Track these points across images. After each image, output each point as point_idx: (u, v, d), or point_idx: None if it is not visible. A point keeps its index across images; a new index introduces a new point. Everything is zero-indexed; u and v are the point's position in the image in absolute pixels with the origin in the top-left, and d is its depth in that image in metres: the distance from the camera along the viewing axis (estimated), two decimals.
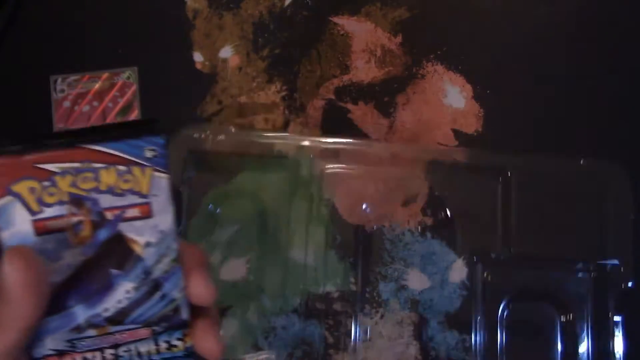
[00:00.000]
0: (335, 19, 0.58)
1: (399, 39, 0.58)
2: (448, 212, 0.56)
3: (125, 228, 0.28)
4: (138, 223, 0.28)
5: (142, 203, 0.28)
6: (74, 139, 0.27)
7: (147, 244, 0.28)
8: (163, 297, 0.29)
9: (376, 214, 0.56)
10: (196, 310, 0.31)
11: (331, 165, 0.57)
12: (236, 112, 0.58)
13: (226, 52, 0.58)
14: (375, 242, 0.56)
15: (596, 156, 0.56)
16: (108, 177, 0.27)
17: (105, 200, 0.27)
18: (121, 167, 0.27)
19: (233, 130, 0.54)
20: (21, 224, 0.26)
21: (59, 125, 0.57)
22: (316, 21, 0.58)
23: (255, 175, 0.57)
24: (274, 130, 0.58)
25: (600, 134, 0.56)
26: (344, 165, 0.57)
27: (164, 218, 0.28)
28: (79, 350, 0.29)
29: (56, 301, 0.27)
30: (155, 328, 0.30)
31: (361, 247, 0.56)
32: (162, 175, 0.28)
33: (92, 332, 0.29)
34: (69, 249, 0.27)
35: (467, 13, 0.58)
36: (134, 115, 0.56)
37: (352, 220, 0.56)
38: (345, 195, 0.56)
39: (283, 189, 0.57)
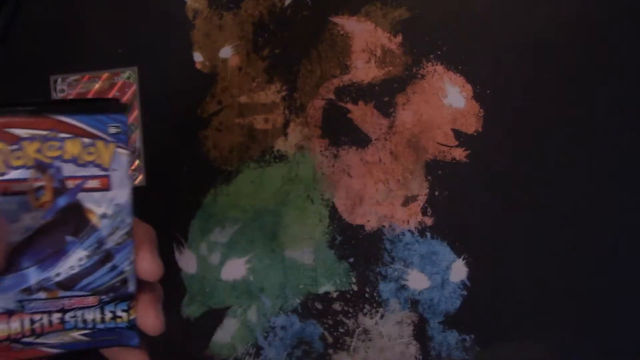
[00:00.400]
0: (335, 19, 0.58)
1: (399, 39, 0.58)
2: (448, 212, 0.56)
3: (84, 198, 0.29)
4: (96, 194, 0.30)
5: (102, 175, 0.30)
6: (44, 108, 0.28)
7: (103, 215, 0.30)
8: (113, 268, 0.31)
9: (376, 214, 0.56)
10: (142, 285, 0.32)
11: (331, 165, 0.57)
12: (236, 112, 0.58)
13: (226, 52, 0.58)
14: (375, 242, 0.56)
15: (596, 156, 0.56)
16: (73, 147, 0.29)
17: (68, 169, 0.29)
18: (86, 140, 0.29)
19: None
20: None
21: None
22: (316, 21, 0.58)
23: (255, 175, 0.57)
24: (274, 130, 0.58)
25: (600, 133, 0.56)
26: (344, 165, 0.57)
27: (122, 192, 0.30)
28: (28, 312, 0.30)
29: (12, 261, 0.29)
30: (103, 297, 0.31)
31: (361, 247, 0.56)
32: (123, 151, 0.30)
33: (42, 294, 0.30)
34: (28, 212, 0.29)
35: (468, 13, 0.58)
36: (134, 115, 0.56)
37: (352, 220, 0.56)
38: (345, 195, 0.56)
39: (283, 189, 0.57)
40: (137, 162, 0.57)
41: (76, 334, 0.31)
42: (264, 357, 0.57)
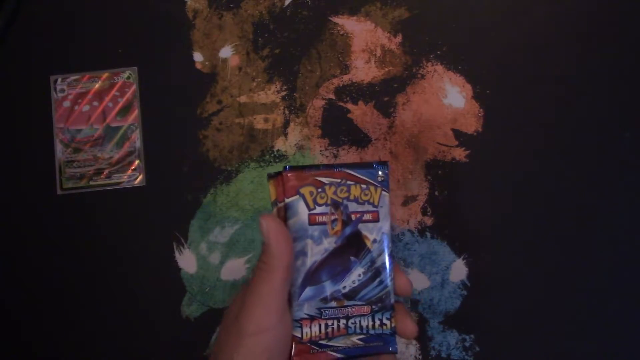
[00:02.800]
0: (335, 19, 0.58)
1: (399, 39, 0.58)
2: (448, 212, 0.56)
3: (362, 227, 0.40)
4: (370, 225, 0.40)
5: (374, 211, 0.40)
6: (339, 166, 0.40)
7: (374, 241, 0.40)
8: (380, 282, 0.40)
9: None
10: (397, 299, 0.41)
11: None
12: (236, 112, 0.58)
13: (226, 52, 0.58)
14: None
15: (596, 157, 0.56)
16: (355, 190, 0.40)
17: (352, 206, 0.40)
18: (363, 185, 0.40)
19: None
20: (302, 215, 0.39)
21: (59, 125, 0.57)
22: (316, 21, 0.58)
23: (255, 175, 0.57)
24: (274, 130, 0.58)
25: (600, 133, 0.56)
26: None
27: (385, 223, 0.40)
28: (324, 318, 0.39)
29: (315, 275, 0.39)
30: (374, 307, 0.40)
31: None
32: (386, 193, 0.41)
33: (333, 303, 0.39)
34: (327, 237, 0.39)
35: (467, 13, 0.58)
36: (134, 115, 0.56)
37: None
38: None
39: None
40: (137, 162, 0.57)
41: (355, 338, 0.40)
42: None
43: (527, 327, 0.55)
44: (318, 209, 0.39)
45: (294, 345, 0.38)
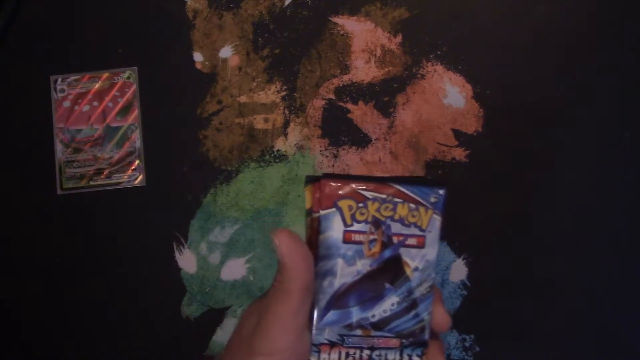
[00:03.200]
0: (335, 19, 0.58)
1: (399, 39, 0.58)
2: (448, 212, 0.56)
3: (403, 252, 0.35)
4: (413, 250, 0.35)
5: (420, 235, 0.35)
6: (389, 179, 0.35)
7: (416, 269, 0.35)
8: (416, 315, 0.35)
9: None
10: (432, 335, 0.36)
11: (331, 165, 0.57)
12: (236, 112, 0.58)
13: (226, 52, 0.58)
14: None
15: (596, 157, 0.56)
16: (402, 210, 0.35)
17: (395, 227, 0.35)
18: (412, 205, 0.35)
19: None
20: (336, 231, 0.34)
21: (59, 125, 0.57)
22: (316, 21, 0.58)
23: (255, 175, 0.57)
24: (274, 130, 0.58)
25: (600, 133, 0.56)
26: (344, 165, 0.57)
27: (432, 250, 0.36)
28: (345, 346, 0.35)
29: (342, 298, 0.35)
30: (404, 341, 0.35)
31: None
32: (438, 217, 0.36)
33: (358, 332, 0.35)
34: (361, 258, 0.35)
35: (467, 13, 0.58)
36: (134, 115, 0.56)
37: None
38: None
39: (283, 189, 0.57)
40: (137, 162, 0.57)
41: None
42: None
43: (526, 327, 0.55)
44: (356, 226, 0.35)
45: None
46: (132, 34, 0.59)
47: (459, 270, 0.55)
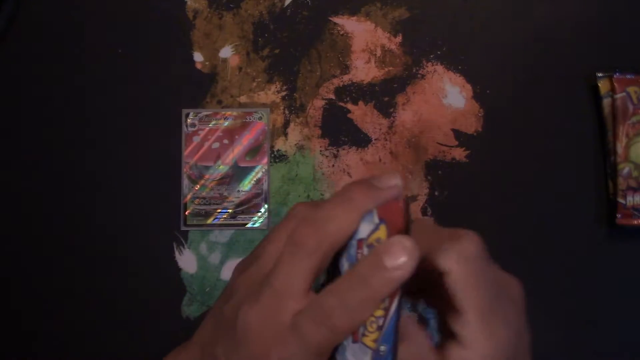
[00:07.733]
0: (335, 19, 0.58)
1: (399, 39, 0.58)
2: (448, 212, 0.56)
3: None
4: None
5: None
6: None
7: None
8: None
9: None
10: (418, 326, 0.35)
11: (331, 165, 0.57)
12: None
13: (226, 52, 0.58)
14: None
15: (597, 156, 0.56)
16: None
17: None
18: None
19: None
20: None
21: (187, 160, 0.57)
22: (316, 21, 0.58)
23: None
24: (274, 130, 0.58)
25: (600, 133, 0.56)
26: (344, 165, 0.57)
27: None
28: None
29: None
30: None
31: None
32: None
33: None
34: None
35: (467, 13, 0.58)
36: (264, 156, 0.56)
37: None
38: None
39: (283, 189, 0.57)
40: (264, 204, 0.57)
41: None
42: None
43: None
44: None
45: None
46: (132, 34, 0.59)
47: None
